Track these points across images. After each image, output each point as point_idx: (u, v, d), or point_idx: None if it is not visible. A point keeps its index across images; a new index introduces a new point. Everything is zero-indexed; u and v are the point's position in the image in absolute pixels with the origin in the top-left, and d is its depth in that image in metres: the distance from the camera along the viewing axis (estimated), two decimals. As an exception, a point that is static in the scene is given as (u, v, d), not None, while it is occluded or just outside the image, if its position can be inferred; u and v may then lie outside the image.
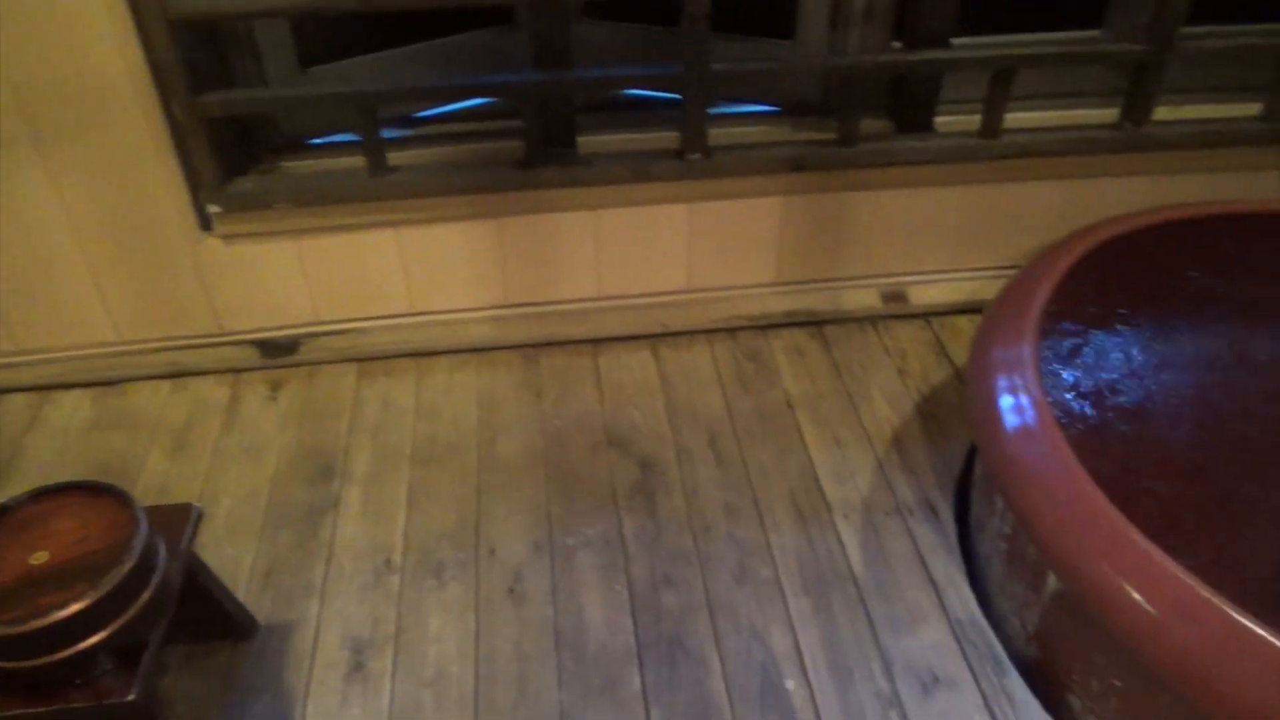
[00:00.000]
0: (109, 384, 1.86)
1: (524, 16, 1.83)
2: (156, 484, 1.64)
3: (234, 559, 1.51)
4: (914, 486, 1.62)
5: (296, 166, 1.78)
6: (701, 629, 1.39)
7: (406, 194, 1.74)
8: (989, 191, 1.90)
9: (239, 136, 1.74)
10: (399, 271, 1.85)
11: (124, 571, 1.02)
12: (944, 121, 1.89)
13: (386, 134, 1.76)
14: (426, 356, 1.91)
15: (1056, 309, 1.51)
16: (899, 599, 1.43)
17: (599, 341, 1.94)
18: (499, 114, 1.93)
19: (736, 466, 1.66)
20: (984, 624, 1.39)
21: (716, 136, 1.81)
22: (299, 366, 1.89)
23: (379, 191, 1.73)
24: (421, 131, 1.88)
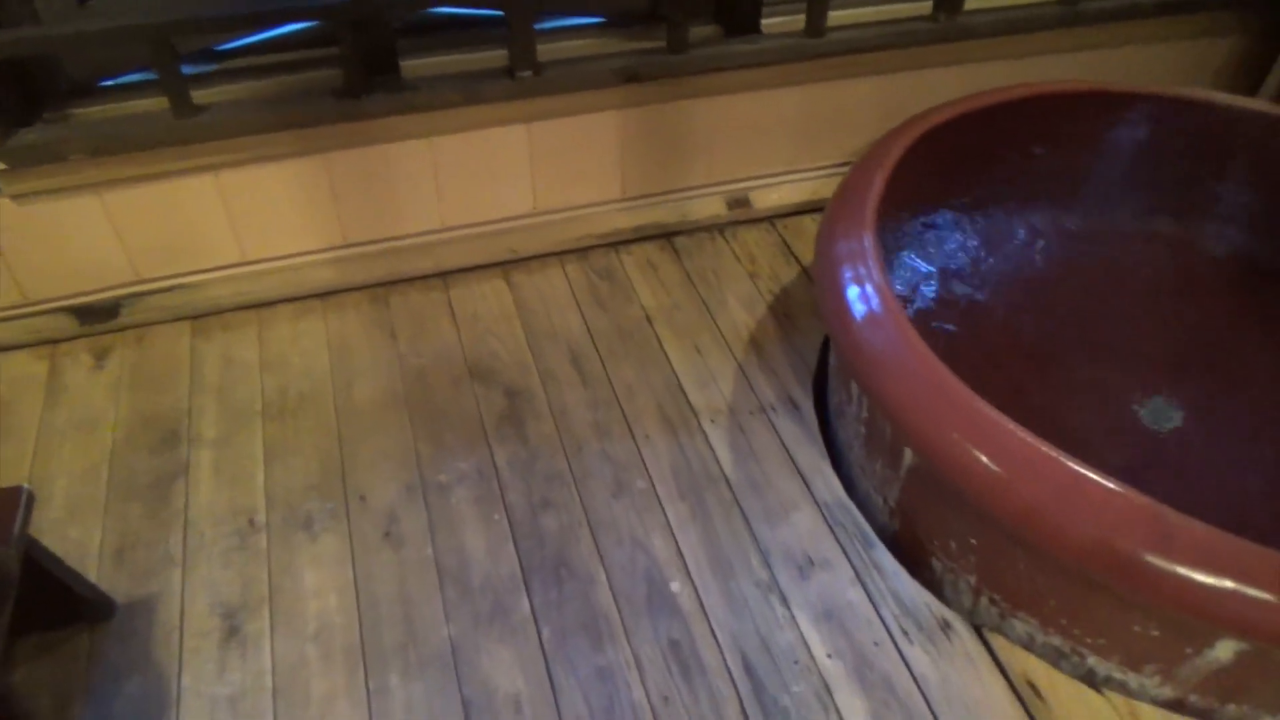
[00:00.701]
0: (-98, 372, 1.67)
1: (328, -67, 1.71)
2: (-24, 474, 1.50)
3: (79, 541, 1.40)
4: (774, 385, 1.67)
5: (90, 113, 1.62)
6: (584, 546, 1.41)
7: (219, 134, 1.61)
8: (820, 90, 1.93)
9: (18, 83, 1.56)
10: (224, 219, 1.72)
11: (-49, 568, 0.93)
12: (771, 24, 1.90)
13: (187, 70, 1.62)
14: (267, 307, 1.81)
15: (892, 199, 1.56)
16: (770, 492, 1.48)
17: (449, 274, 1.89)
18: (312, 41, 1.80)
19: (602, 385, 1.66)
20: (850, 505, 1.47)
21: (546, 52, 1.76)
22: (124, 330, 1.75)
23: (187, 134, 1.59)
24: (228, 65, 1.73)
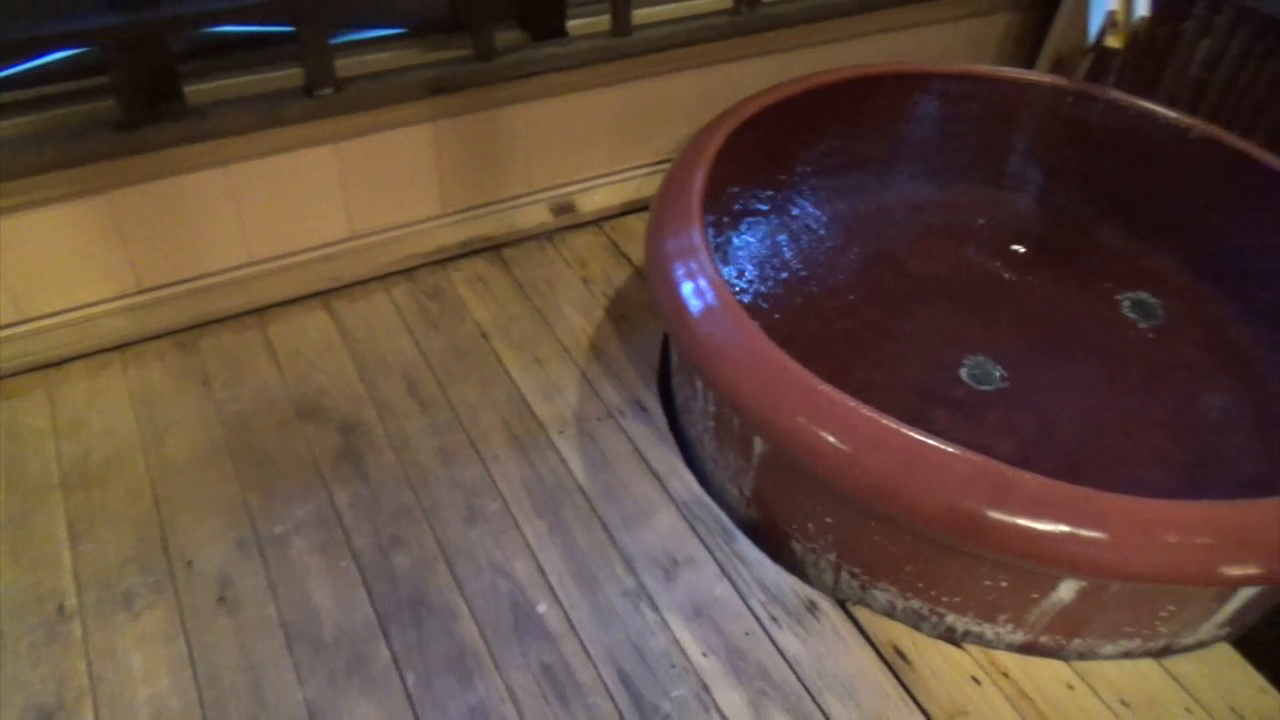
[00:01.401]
0: None
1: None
2: None
3: None
4: (619, 388, 1.64)
5: None
6: (442, 580, 1.34)
7: (-23, 180, 1.44)
8: (633, 89, 1.93)
9: None
10: (-7, 274, 1.54)
11: None
12: (578, 25, 1.88)
13: (-69, 110, 1.44)
14: (55, 367, 1.63)
15: (715, 191, 1.57)
16: (627, 497, 1.46)
17: (265, 310, 1.76)
18: (82, 70, 1.64)
19: (442, 408, 1.59)
20: (707, 499, 1.46)
21: (347, 67, 1.67)
22: (-117, 412, 1.54)
23: (-62, 182, 1.42)
24: (-19, 103, 1.55)
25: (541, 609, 1.31)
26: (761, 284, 1.73)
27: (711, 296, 1.32)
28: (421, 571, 1.35)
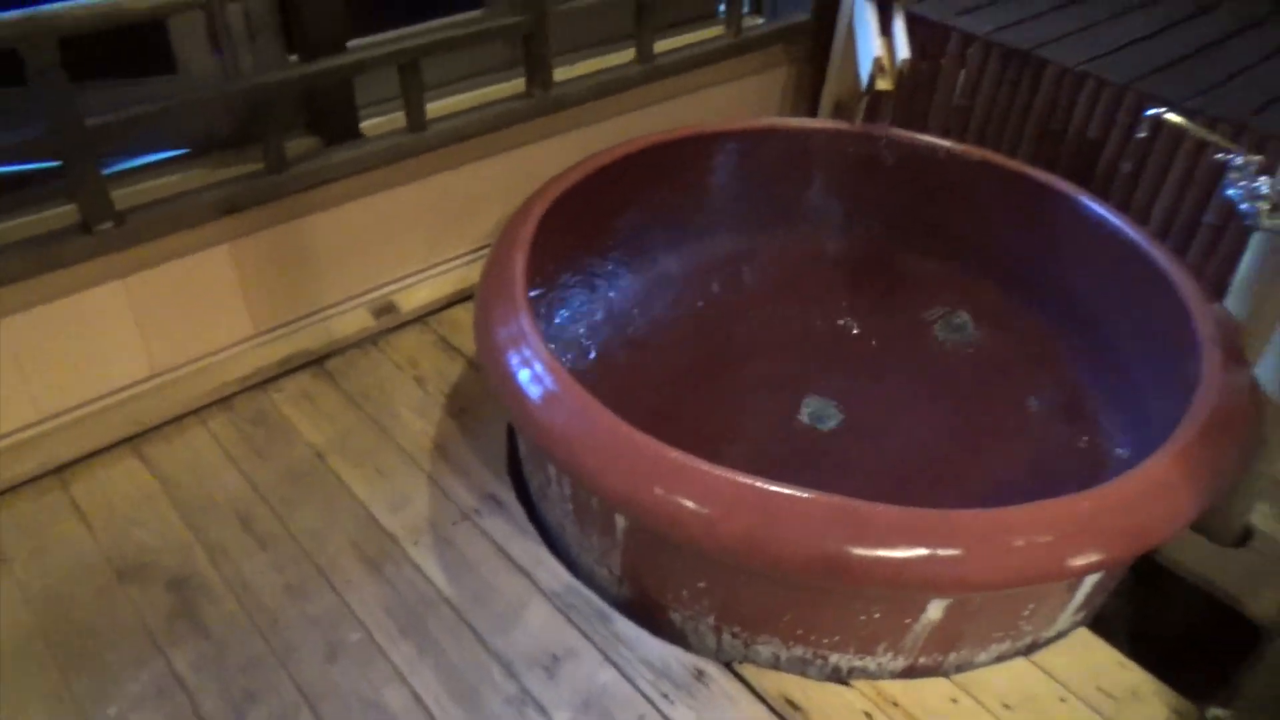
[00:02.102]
0: None
1: None
2: None
3: None
4: (471, 486, 1.59)
5: None
6: (307, 730, 1.23)
7: None
8: (437, 181, 1.91)
9: None
10: None
11: None
12: (372, 125, 1.85)
13: None
14: None
15: (537, 271, 1.57)
16: (495, 598, 1.40)
17: (64, 468, 1.60)
18: None
19: (283, 541, 1.49)
20: (578, 585, 1.42)
21: (127, 197, 1.57)
22: None
23: None
24: None
25: (422, 738, 1.23)
26: (597, 358, 1.73)
27: (550, 381, 1.30)
28: (284, 725, 1.24)
